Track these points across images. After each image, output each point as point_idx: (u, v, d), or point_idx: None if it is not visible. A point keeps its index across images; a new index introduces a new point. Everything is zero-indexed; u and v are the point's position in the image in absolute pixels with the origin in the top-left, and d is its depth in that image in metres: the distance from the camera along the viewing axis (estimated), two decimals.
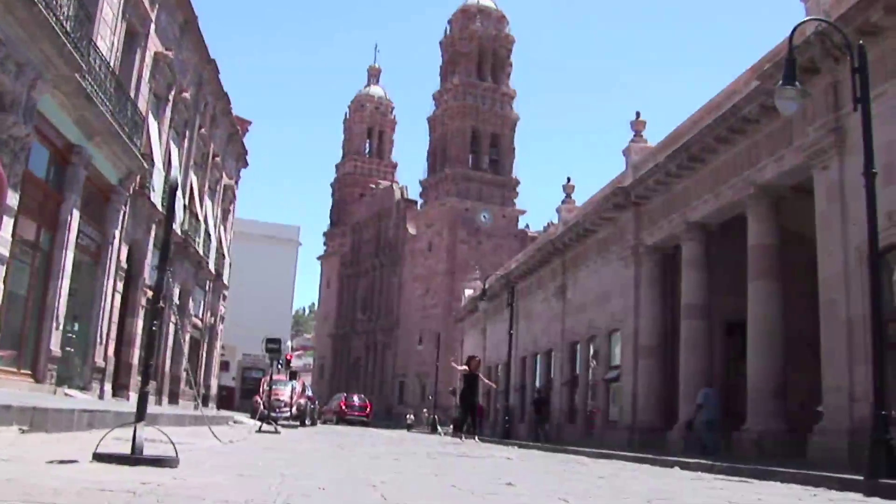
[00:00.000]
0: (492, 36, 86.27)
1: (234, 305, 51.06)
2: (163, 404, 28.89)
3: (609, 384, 31.56)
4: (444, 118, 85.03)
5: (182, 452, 7.49)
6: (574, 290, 36.20)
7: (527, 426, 38.46)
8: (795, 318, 20.74)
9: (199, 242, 33.67)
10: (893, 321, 15.34)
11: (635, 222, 29.09)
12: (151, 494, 4.84)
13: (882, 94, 15.35)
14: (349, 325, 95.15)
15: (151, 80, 25.41)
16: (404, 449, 16.65)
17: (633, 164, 29.66)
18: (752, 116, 20.66)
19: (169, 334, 30.20)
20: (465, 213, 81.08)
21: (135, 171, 23.37)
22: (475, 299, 51.21)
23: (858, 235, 15.15)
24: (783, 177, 20.34)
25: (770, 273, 20.85)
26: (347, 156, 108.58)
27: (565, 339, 36.64)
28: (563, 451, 22.43)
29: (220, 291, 41.66)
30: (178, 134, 30.29)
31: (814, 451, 16.60)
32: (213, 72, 33.29)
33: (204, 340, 39.38)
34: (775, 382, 20.11)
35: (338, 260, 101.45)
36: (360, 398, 60.67)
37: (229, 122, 39.36)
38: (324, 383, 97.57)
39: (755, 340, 20.76)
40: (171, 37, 27.08)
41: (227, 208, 43.61)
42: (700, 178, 24.51)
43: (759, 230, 21.32)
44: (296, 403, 33.25)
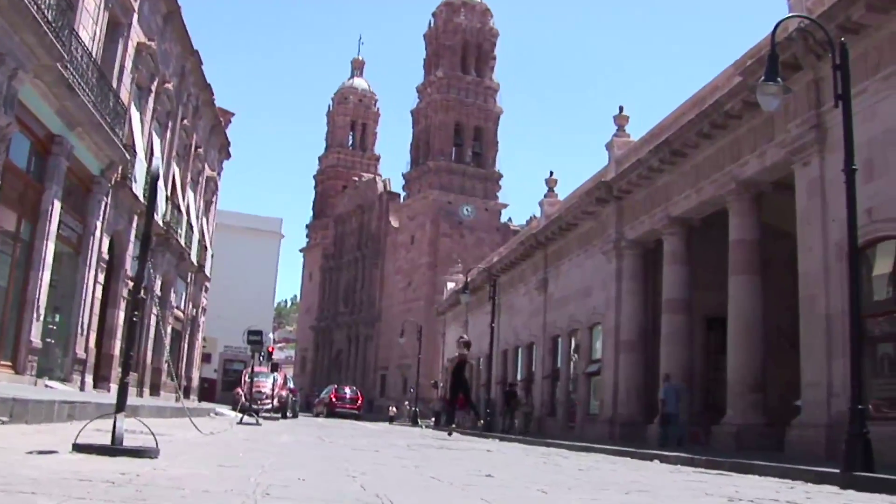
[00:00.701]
0: (476, 29, 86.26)
1: (216, 297, 50.95)
2: (144, 396, 28.80)
3: (590, 378, 31.60)
4: (427, 111, 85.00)
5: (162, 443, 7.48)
6: (556, 283, 36.24)
7: (499, 418, 38.88)
8: (775, 313, 20.86)
9: (181, 234, 33.58)
10: (871, 316, 15.46)
11: (617, 217, 29.13)
12: (130, 484, 4.84)
13: (863, 91, 15.46)
14: (331, 318, 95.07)
15: (134, 70, 25.30)
16: (385, 441, 16.69)
17: (616, 159, 29.69)
18: (735, 112, 20.71)
19: (150, 326, 30.12)
20: (447, 207, 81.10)
21: (117, 161, 23.27)
22: (457, 292, 51.18)
23: (838, 231, 15.25)
24: (765, 172, 20.41)
25: (750, 268, 20.93)
26: (330, 148, 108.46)
27: (547, 333, 36.69)
28: (543, 443, 22.49)
29: (201, 283, 41.57)
30: (160, 125, 30.17)
31: (792, 444, 16.71)
32: (196, 63, 33.17)
33: (186, 332, 39.28)
34: (755, 377, 20.22)
35: (320, 252, 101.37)
36: (351, 390, 60.21)
37: (212, 113, 39.23)
38: (306, 376, 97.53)
39: (735, 335, 20.85)
40: (153, 27, 26.97)
41: (210, 200, 43.48)
42: (682, 173, 24.57)
43: (740, 225, 21.40)
44: (277, 395, 33.23)
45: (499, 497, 5.80)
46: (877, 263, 16.03)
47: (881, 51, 15.66)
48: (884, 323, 15.51)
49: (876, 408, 14.79)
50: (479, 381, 47.79)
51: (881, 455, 10.74)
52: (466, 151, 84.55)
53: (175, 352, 37.25)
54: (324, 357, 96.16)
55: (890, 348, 15.36)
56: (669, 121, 25.50)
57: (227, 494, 4.80)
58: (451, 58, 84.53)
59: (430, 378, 66.01)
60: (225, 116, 43.09)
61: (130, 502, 4.14)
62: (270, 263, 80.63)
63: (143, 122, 26.87)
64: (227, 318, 58.94)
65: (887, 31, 15.47)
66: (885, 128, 15.33)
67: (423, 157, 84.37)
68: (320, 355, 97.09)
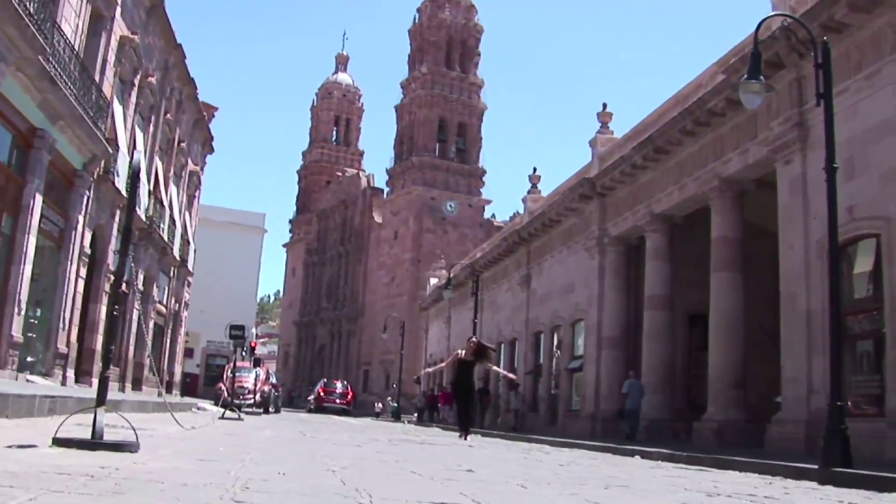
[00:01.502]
0: (460, 25, 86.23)
1: (199, 292, 50.79)
2: (126, 391, 28.69)
3: (572, 374, 31.67)
4: (411, 107, 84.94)
5: (143, 438, 7.48)
6: (539, 280, 36.29)
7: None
8: (757, 311, 20.96)
9: (163, 228, 33.43)
10: (851, 314, 15.55)
11: (600, 213, 29.18)
12: (109, 478, 4.83)
13: (845, 90, 15.53)
14: (314, 313, 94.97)
15: (117, 63, 25.15)
16: (367, 436, 16.69)
17: (600, 156, 29.75)
18: (718, 110, 20.78)
19: (132, 321, 29.99)
20: (431, 202, 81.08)
21: (99, 155, 23.16)
22: (440, 288, 51.23)
23: (819, 229, 15.35)
24: (747, 170, 20.50)
25: (732, 265, 21.02)
26: (314, 143, 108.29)
27: (529, 329, 36.75)
28: (525, 439, 22.55)
29: (184, 278, 41.40)
30: (143, 119, 30.03)
31: (772, 440, 16.81)
32: (180, 57, 33.02)
33: (168, 327, 39.13)
34: (736, 373, 20.31)
35: (303, 247, 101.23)
36: (342, 384, 58.91)
37: (195, 107, 39.07)
38: (288, 371, 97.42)
39: (717, 332, 20.95)
40: (137, 20, 26.82)
41: (193, 194, 43.31)
42: (665, 171, 24.64)
43: (722, 223, 21.49)
44: (259, 391, 33.19)
45: (478, 491, 5.81)
46: (857, 261, 16.14)
47: (863, 50, 15.74)
48: (864, 320, 15.60)
49: (855, 404, 14.89)
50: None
51: (859, 451, 10.81)
52: (450, 147, 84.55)
53: (157, 347, 37.09)
54: (306, 352, 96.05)
55: (869, 345, 15.45)
56: (653, 118, 25.55)
57: (206, 488, 4.80)
58: (436, 54, 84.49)
59: (413, 374, 66.02)
60: (208, 111, 42.90)
61: (109, 496, 4.14)
62: (253, 258, 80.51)
63: (125, 116, 26.73)
64: (210, 313, 58.76)
65: (869, 30, 15.55)
66: (866, 126, 15.42)
67: (407, 153, 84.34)
68: (303, 351, 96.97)
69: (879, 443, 13.47)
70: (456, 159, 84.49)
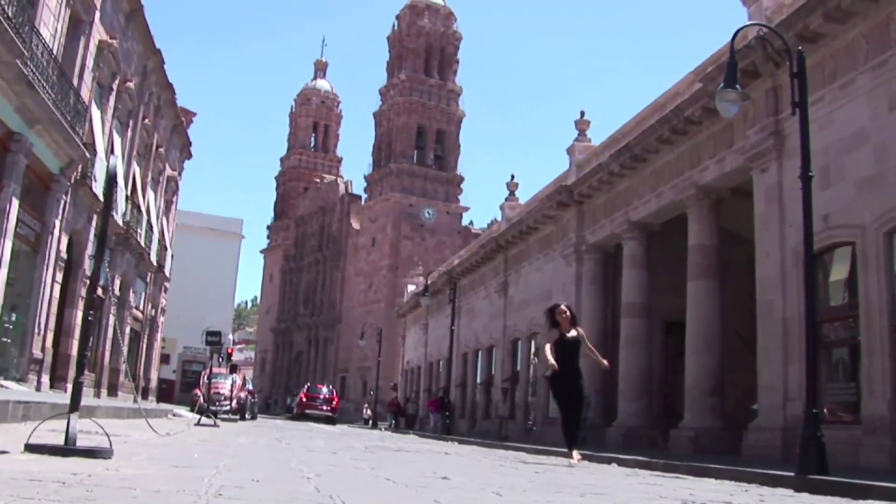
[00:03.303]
0: (439, 32, 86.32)
1: (176, 298, 50.57)
2: (101, 397, 28.49)
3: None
4: (389, 114, 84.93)
5: (117, 444, 7.39)
6: (516, 287, 36.27)
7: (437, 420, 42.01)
8: (733, 318, 20.99)
9: (140, 234, 33.27)
10: (828, 322, 15.62)
11: (578, 221, 29.20)
12: (81, 485, 4.76)
13: (820, 99, 15.61)
14: (291, 320, 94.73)
15: (95, 68, 25.03)
16: (343, 443, 16.61)
17: (577, 163, 29.75)
18: (695, 118, 20.82)
19: (109, 326, 29.79)
20: (409, 209, 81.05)
21: (76, 160, 23.02)
22: (418, 295, 51.17)
23: (795, 237, 15.39)
24: (724, 178, 20.53)
25: (709, 273, 21.06)
26: (292, 149, 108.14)
27: (507, 336, 36.68)
28: (502, 447, 22.51)
29: (161, 283, 41.23)
30: (121, 124, 29.90)
31: (749, 448, 16.83)
32: (159, 62, 32.91)
33: (144, 333, 38.94)
34: (713, 381, 20.34)
35: (281, 254, 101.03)
36: (327, 388, 55.90)
37: (174, 112, 38.95)
38: (265, 377, 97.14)
39: (693, 339, 20.96)
40: (116, 25, 26.71)
41: (170, 200, 43.18)
42: (642, 178, 24.67)
43: (699, 231, 21.53)
44: (236, 397, 33.03)
45: (453, 498, 5.77)
46: (833, 269, 16.19)
47: (838, 60, 15.83)
48: (839, 328, 15.65)
49: (830, 412, 14.93)
50: (437, 384, 47.84)
51: (835, 458, 10.83)
52: (428, 154, 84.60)
53: (133, 352, 36.90)
54: (284, 359, 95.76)
55: (845, 353, 15.50)
56: (630, 126, 25.59)
57: (179, 495, 4.73)
58: (415, 60, 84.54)
59: (390, 380, 65.89)
60: (186, 116, 42.79)
61: (80, 502, 4.07)
62: (231, 264, 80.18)
63: (103, 121, 26.61)
64: (187, 318, 58.46)
65: (844, 40, 15.64)
66: (841, 135, 15.50)
67: (385, 160, 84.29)
68: (280, 357, 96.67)
69: (855, 450, 13.51)
70: (434, 166, 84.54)
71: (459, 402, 42.43)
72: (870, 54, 15.03)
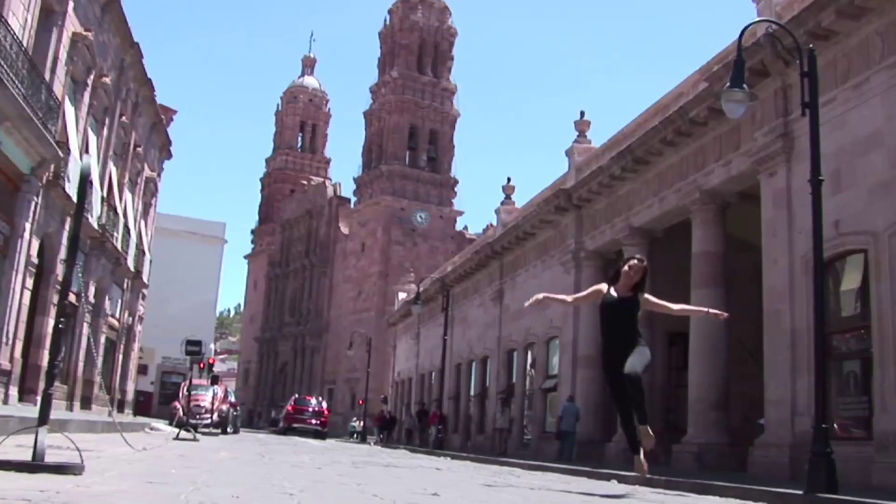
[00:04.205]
0: (433, 28, 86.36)
1: (155, 305, 50.47)
2: (74, 410, 28.39)
3: (546, 394, 31.65)
4: (381, 113, 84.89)
5: (89, 460, 7.35)
6: (512, 295, 36.26)
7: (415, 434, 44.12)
8: (739, 328, 20.95)
9: (117, 237, 33.15)
10: (838, 333, 15.62)
11: (577, 226, 29.22)
12: (48, 502, 4.73)
13: (832, 99, 15.63)
14: (276, 329, 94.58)
15: (69, 62, 24.93)
16: (329, 458, 16.56)
17: (576, 166, 29.81)
18: (700, 119, 20.86)
19: (82, 335, 29.67)
20: (400, 213, 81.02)
21: (49, 159, 22.90)
22: (409, 303, 51.13)
23: (804, 244, 15.39)
24: (730, 182, 20.56)
25: (714, 281, 21.07)
26: (278, 150, 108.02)
27: (502, 347, 36.73)
28: (496, 462, 22.48)
29: (139, 290, 41.11)
30: (96, 121, 29.80)
31: (755, 464, 16.82)
32: (137, 56, 32.82)
33: (120, 342, 38.79)
34: (717, 394, 20.35)
35: (266, 259, 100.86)
36: (316, 400, 54.84)
37: (153, 110, 38.86)
38: (248, 389, 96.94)
39: (697, 350, 20.97)
40: (91, 16, 26.62)
41: (149, 202, 43.07)
42: (645, 182, 24.71)
43: (703, 237, 21.55)
44: (217, 410, 32.94)
45: None
46: (845, 278, 16.19)
47: (851, 58, 15.84)
48: (851, 340, 15.65)
49: (841, 427, 14.94)
50: (430, 396, 47.78)
51: (846, 476, 10.83)
52: (421, 156, 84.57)
53: (109, 363, 36.77)
54: (268, 369, 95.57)
55: (856, 366, 15.49)
56: (632, 127, 25.62)
57: None
58: (407, 57, 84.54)
59: (380, 393, 65.83)
60: (166, 114, 42.72)
61: None
62: (213, 270, 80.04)
63: (77, 118, 26.51)
64: (166, 327, 58.28)
65: (858, 38, 15.65)
66: (853, 138, 15.51)
67: (376, 161, 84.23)
68: (264, 368, 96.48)
69: (867, 467, 13.50)
70: (427, 168, 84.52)
71: (452, 416, 42.38)
72: (885, 52, 15.04)
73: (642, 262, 9.90)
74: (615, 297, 9.78)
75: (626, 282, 9.79)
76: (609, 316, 9.90)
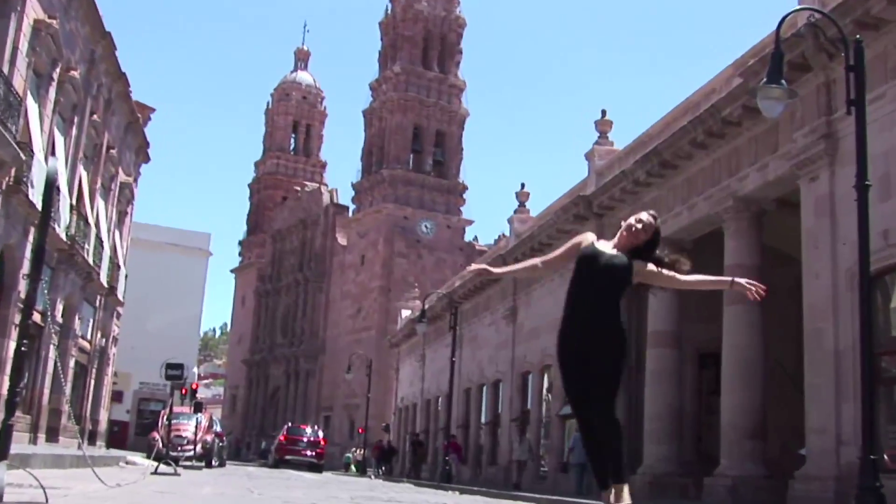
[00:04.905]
0: (440, 17, 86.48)
1: (131, 325, 50.45)
2: (38, 443, 28.31)
3: (564, 421, 31.58)
4: (381, 112, 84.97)
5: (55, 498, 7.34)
6: (526, 312, 36.26)
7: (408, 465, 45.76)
8: (777, 349, 20.98)
9: (88, 250, 33.09)
10: (887, 354, 15.57)
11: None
12: None
13: (880, 96, 15.59)
14: (267, 350, 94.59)
15: (31, 53, 24.78)
16: (325, 493, 16.54)
17: (597, 170, 29.82)
18: (734, 119, 20.83)
19: (49, 359, 29.59)
20: (403, 222, 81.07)
21: (9, 162, 22.82)
22: (413, 321, 51.05)
23: (849, 256, 15.35)
24: (767, 188, 20.54)
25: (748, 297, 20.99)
26: (269, 152, 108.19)
27: (516, 369, 36.73)
28: (510, 496, 22.44)
29: (113, 308, 41.09)
30: (64, 120, 29.73)
31: (795, 499, 16.78)
32: (109, 47, 32.77)
33: (92, 366, 38.72)
34: (753, 421, 20.27)
35: (255, 273, 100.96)
36: (311, 429, 54.34)
37: (128, 108, 38.86)
38: (236, 417, 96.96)
39: (731, 373, 20.91)
40: (55, 2, 26.48)
41: (124, 210, 43.06)
42: (672, 188, 24.70)
43: (737, 248, 21.50)
44: (201, 440, 32.91)
45: None
46: (894, 293, 16.15)
47: None
48: None
49: (891, 458, 14.88)
50: (436, 424, 47.74)
51: None
52: (426, 159, 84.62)
53: (79, 389, 36.70)
54: (258, 395, 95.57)
55: None
56: (659, 128, 25.63)
57: None
58: (411, 50, 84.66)
59: (382, 420, 65.81)
60: (143, 112, 42.73)
61: None
62: (196, 286, 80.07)
63: (42, 117, 26.45)
64: (144, 349, 58.32)
65: None
66: None
67: (377, 165, 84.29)
68: (254, 393, 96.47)
69: None
70: (433, 173, 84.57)
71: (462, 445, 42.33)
72: None
73: (655, 220, 7.61)
74: (602, 251, 7.55)
75: (628, 241, 7.53)
76: (585, 276, 7.54)
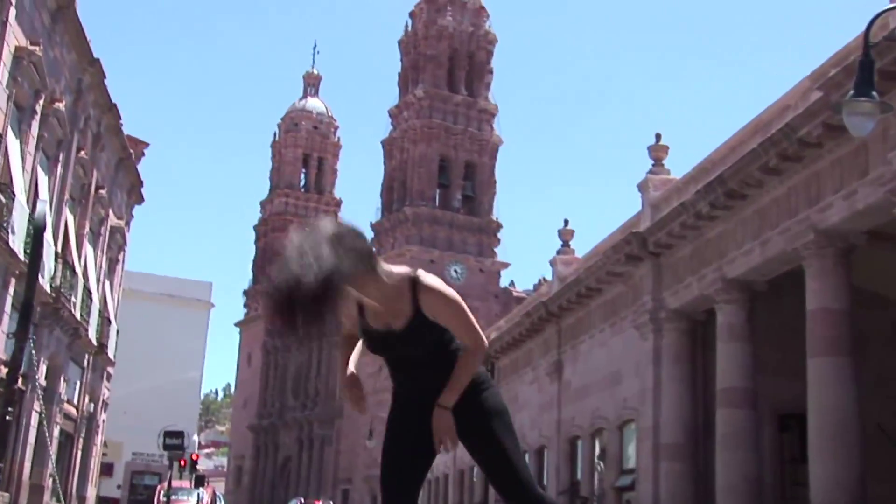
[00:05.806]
0: (467, 34, 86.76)
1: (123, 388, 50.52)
2: None
3: (621, 493, 31.35)
4: (403, 141, 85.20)
5: None
6: (573, 368, 36.13)
7: None
8: (875, 408, 20.53)
9: (75, 303, 33.10)
10: None
11: (654, 279, 29.04)
12: None
13: None
14: (276, 414, 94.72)
15: (11, 83, 24.93)
16: None
17: (652, 203, 29.65)
18: (813, 139, 20.55)
19: (31, 427, 29.49)
20: (430, 267, 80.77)
21: None
22: None
23: None
24: (855, 219, 20.21)
25: (837, 347, 20.60)
26: (276, 190, 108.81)
27: (562, 434, 36.62)
28: None
29: (103, 369, 41.08)
30: (48, 157, 29.81)
31: None
32: (98, 75, 32.93)
33: (79, 435, 38.66)
34: (849, 495, 19.79)
35: (262, 327, 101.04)
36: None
37: (119, 142, 39.03)
38: (242, 491, 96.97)
39: (819, 437, 20.48)
40: (38, 27, 26.64)
41: (115, 257, 43.21)
42: (741, 222, 24.47)
43: (821, 290, 21.12)
44: None
45: None
46: None
47: None
48: None
49: None
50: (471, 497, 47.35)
51: None
52: (455, 194, 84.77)
53: (64, 462, 36.62)
54: (266, 466, 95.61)
55: None
56: (723, 152, 25.44)
57: None
58: (435, 71, 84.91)
59: None
60: (136, 147, 42.94)
61: None
62: (196, 342, 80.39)
63: (24, 154, 26.52)
64: (137, 415, 58.43)
65: None
66: None
67: (399, 203, 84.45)
68: (262, 464, 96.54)
69: None
70: (462, 210, 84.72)
71: None
72: None
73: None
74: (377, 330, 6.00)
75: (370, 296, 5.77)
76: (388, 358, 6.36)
